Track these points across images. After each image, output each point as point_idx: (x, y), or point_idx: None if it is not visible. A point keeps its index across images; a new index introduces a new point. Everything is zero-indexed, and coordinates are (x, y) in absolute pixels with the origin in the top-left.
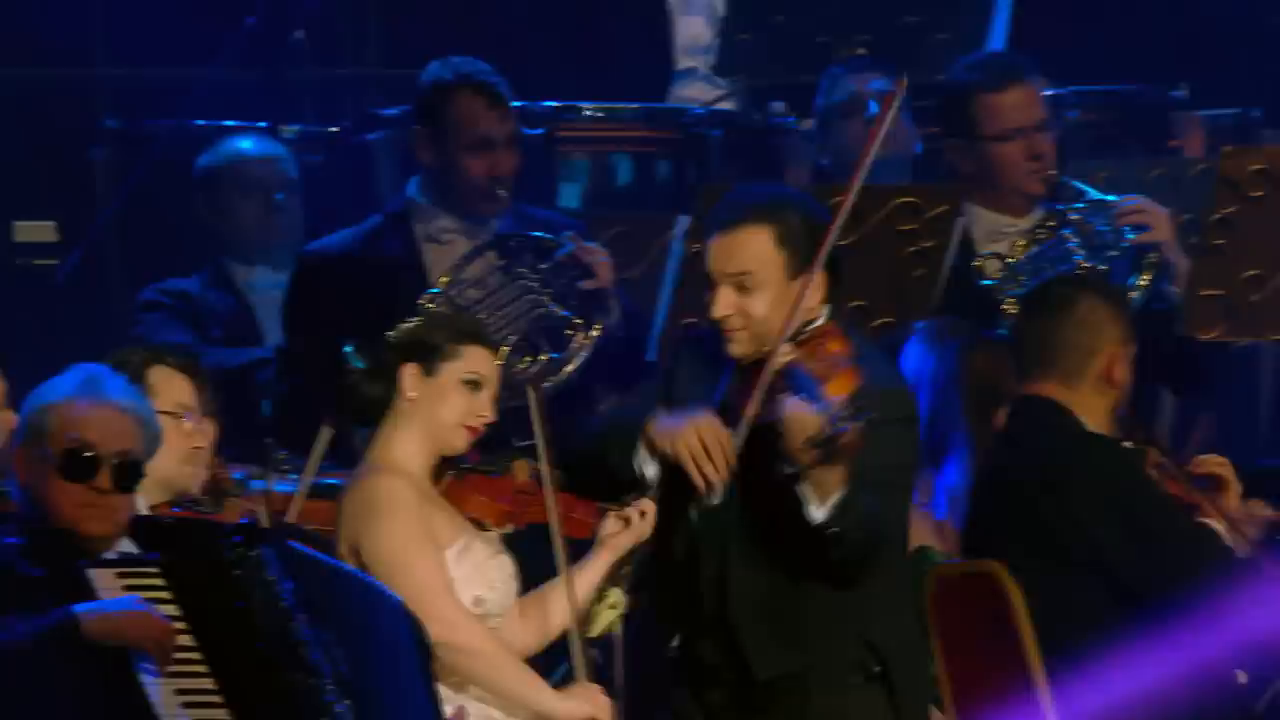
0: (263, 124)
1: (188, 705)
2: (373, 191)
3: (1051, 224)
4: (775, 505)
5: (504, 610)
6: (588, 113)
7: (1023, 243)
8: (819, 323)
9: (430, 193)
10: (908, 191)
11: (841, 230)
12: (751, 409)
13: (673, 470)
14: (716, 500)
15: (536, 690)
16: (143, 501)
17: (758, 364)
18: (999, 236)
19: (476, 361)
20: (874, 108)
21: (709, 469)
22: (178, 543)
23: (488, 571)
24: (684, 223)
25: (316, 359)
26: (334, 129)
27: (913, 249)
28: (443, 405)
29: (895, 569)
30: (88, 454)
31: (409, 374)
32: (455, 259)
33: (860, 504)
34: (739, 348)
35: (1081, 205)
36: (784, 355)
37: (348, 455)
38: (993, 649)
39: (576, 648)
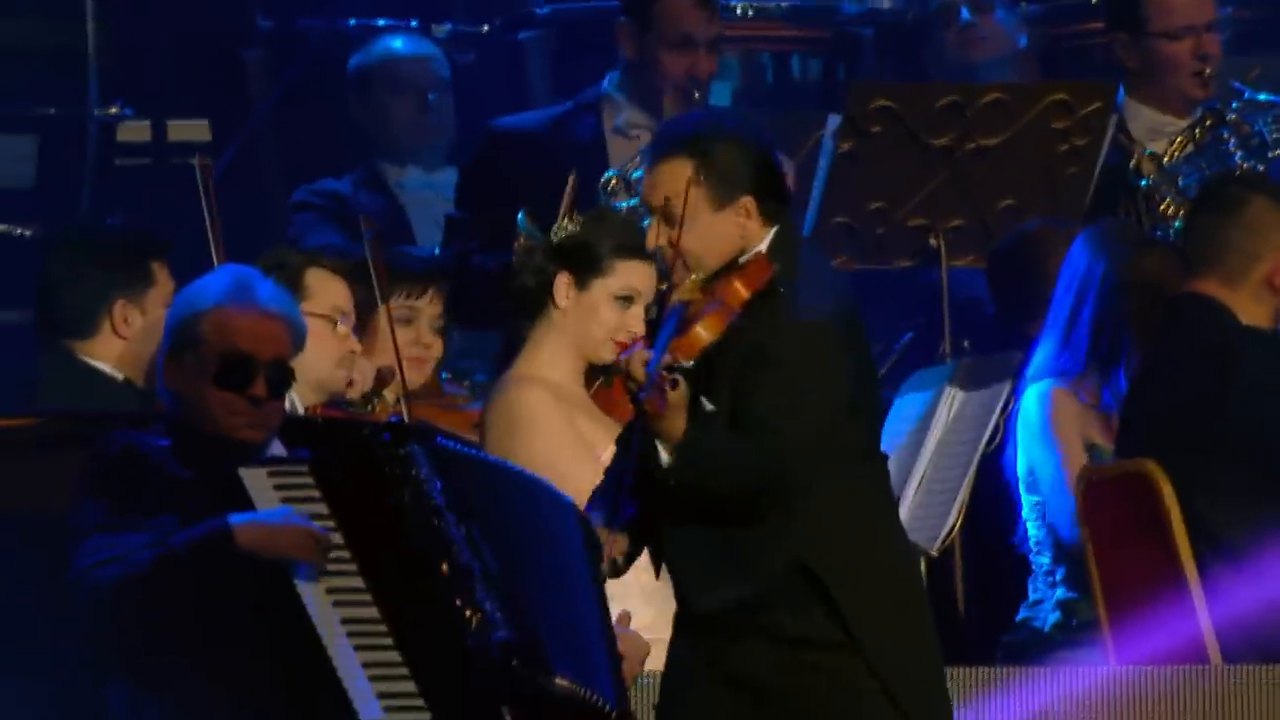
0: (414, 23)
1: (338, 605)
2: (524, 91)
3: (1209, 124)
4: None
5: None
6: (739, 11)
7: (1179, 142)
8: (754, 252)
9: (625, 87)
10: (1060, 89)
11: (988, 129)
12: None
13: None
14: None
15: None
16: (298, 402)
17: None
18: (1158, 135)
19: (631, 276)
20: (966, 15)
21: (658, 426)
22: (327, 442)
23: None
24: (834, 121)
25: (490, 229)
26: (485, 28)
27: (1066, 147)
28: (592, 320)
29: (831, 494)
30: (244, 362)
31: (562, 283)
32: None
33: (702, 448)
34: (675, 277)
35: (1238, 105)
36: (683, 292)
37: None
38: (1145, 548)
39: None
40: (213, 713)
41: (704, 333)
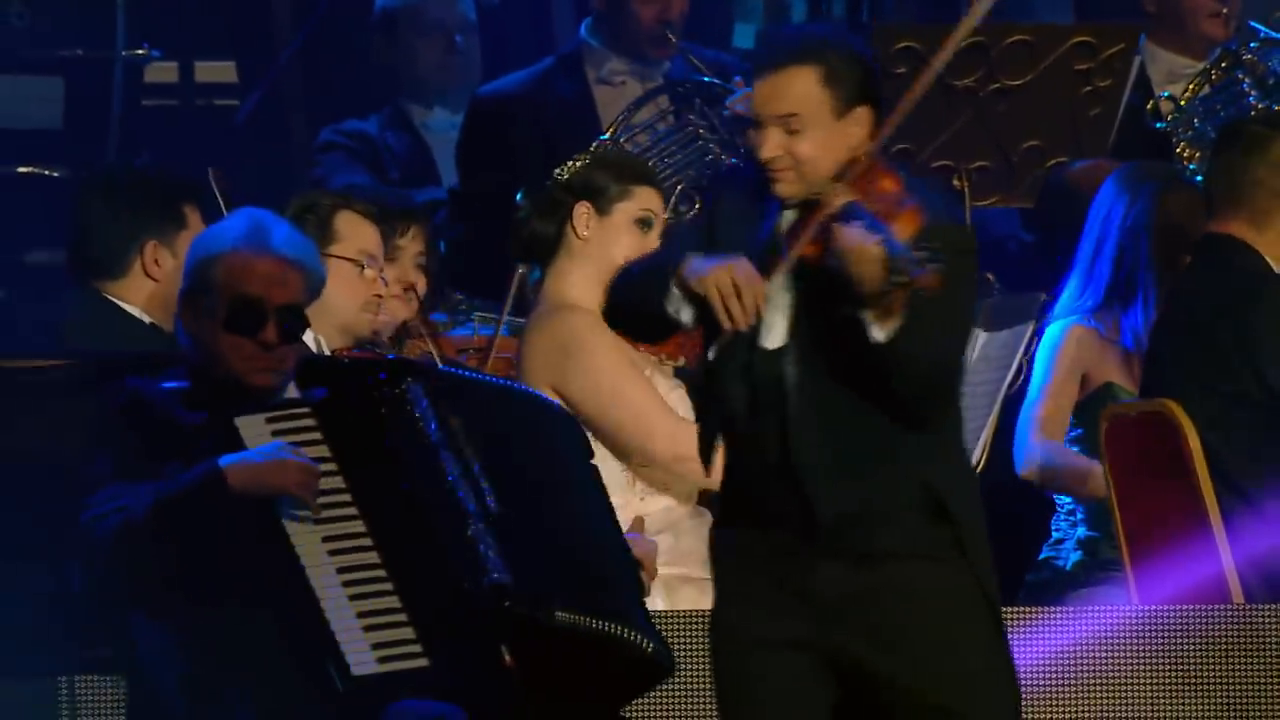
0: None
1: (335, 553)
2: (548, 33)
3: (1225, 65)
4: (835, 341)
5: None
6: None
7: (1195, 84)
8: (864, 160)
9: (601, 35)
10: (1084, 31)
11: (1011, 70)
12: (803, 248)
13: (706, 312)
14: (743, 344)
15: None
16: (324, 345)
17: (808, 204)
18: (1176, 78)
19: (648, 200)
20: None
21: (736, 308)
22: (331, 383)
23: (672, 402)
24: None
25: (489, 200)
26: None
27: (1089, 88)
28: (615, 244)
29: (954, 412)
30: (254, 307)
31: (581, 213)
32: (626, 103)
33: (924, 328)
34: (787, 187)
35: (1255, 45)
36: (839, 195)
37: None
38: (1167, 488)
39: None
40: (222, 658)
41: (910, 222)
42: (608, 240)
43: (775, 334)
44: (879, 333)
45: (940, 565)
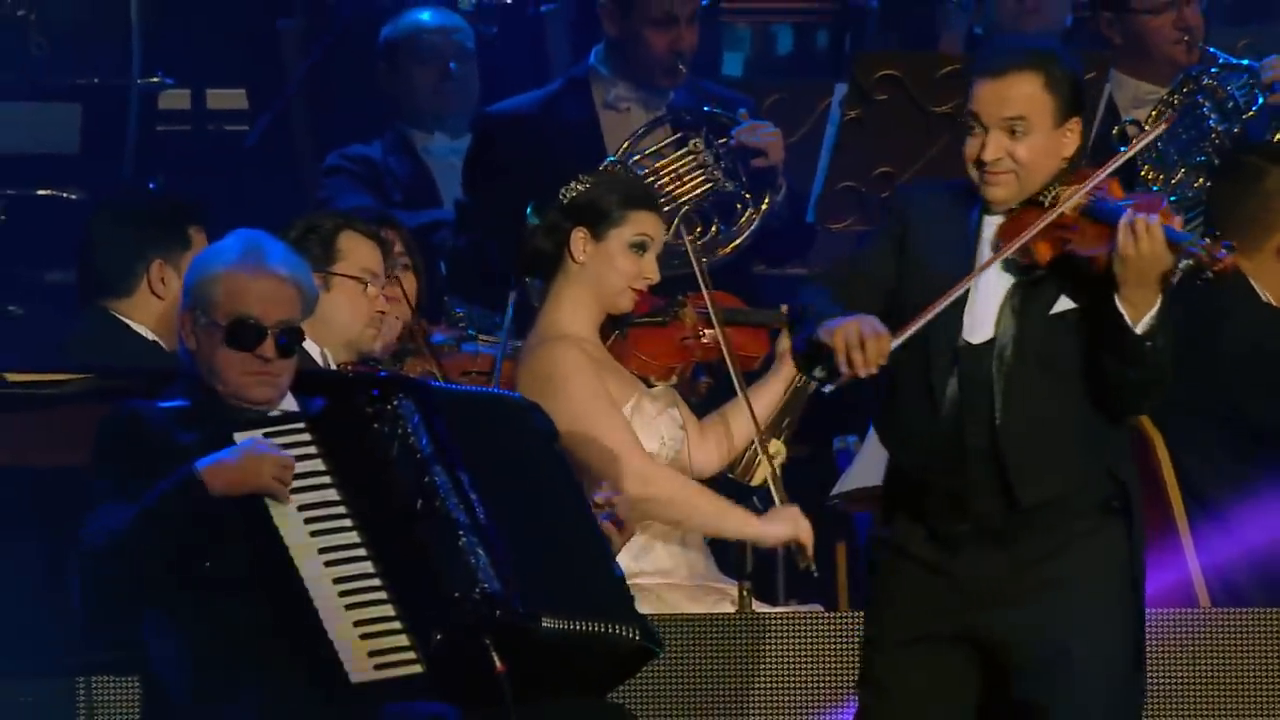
0: None
1: (332, 563)
2: (545, 61)
3: (1186, 90)
4: (1052, 337)
5: (673, 460)
6: None
7: (1158, 109)
8: (1084, 166)
9: (611, 62)
10: None
11: None
12: (1035, 243)
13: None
14: (829, 389)
15: (736, 519)
16: (330, 360)
17: (1019, 208)
18: (1141, 103)
19: (643, 224)
20: None
21: (858, 358)
22: (326, 398)
23: (658, 427)
24: (841, 89)
25: (493, 216)
26: (508, 1)
27: None
28: (610, 269)
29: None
30: (253, 324)
31: (578, 238)
32: (632, 129)
33: (1168, 319)
34: (1002, 191)
35: (1215, 70)
36: (1073, 195)
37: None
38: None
39: (768, 470)
40: (226, 663)
41: (1169, 215)
42: (602, 264)
43: (982, 329)
44: (1136, 323)
45: (1108, 557)
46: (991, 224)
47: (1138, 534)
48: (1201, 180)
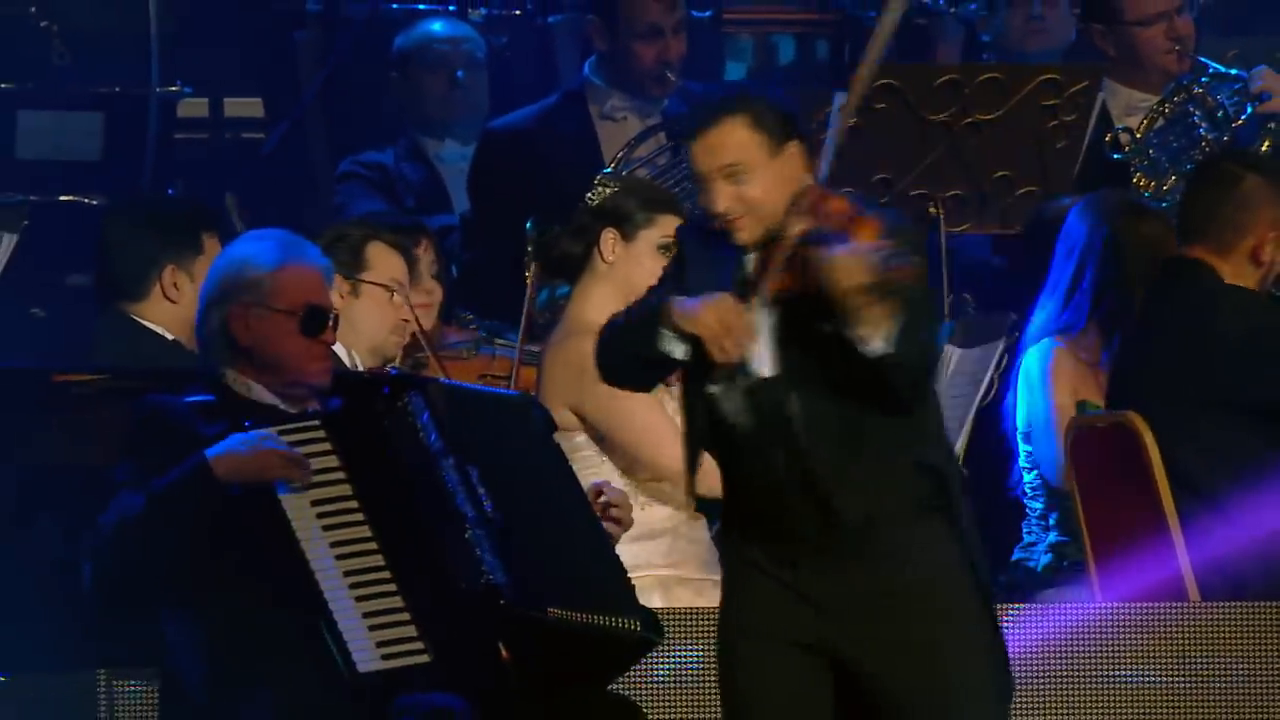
0: (452, 7)
1: (344, 556)
2: (553, 70)
3: (1178, 99)
4: (830, 354)
5: None
6: None
7: (1150, 118)
8: (808, 186)
9: (604, 74)
10: (1050, 70)
11: (983, 105)
12: (777, 281)
13: (697, 347)
14: (740, 374)
15: None
16: (360, 362)
17: (769, 243)
18: (1134, 112)
19: (670, 227)
20: (1038, 8)
21: (728, 342)
22: (339, 397)
23: (676, 423)
24: (840, 98)
25: (497, 229)
26: (517, 11)
27: (1055, 123)
28: (638, 269)
29: (934, 394)
30: (322, 310)
31: (608, 239)
32: (627, 137)
33: (914, 328)
34: (745, 234)
35: (1205, 80)
36: (796, 226)
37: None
38: (1129, 494)
39: None
40: (240, 655)
41: (869, 229)
42: (631, 264)
43: (766, 363)
44: (877, 345)
45: (941, 556)
46: (752, 260)
47: (965, 526)
48: None
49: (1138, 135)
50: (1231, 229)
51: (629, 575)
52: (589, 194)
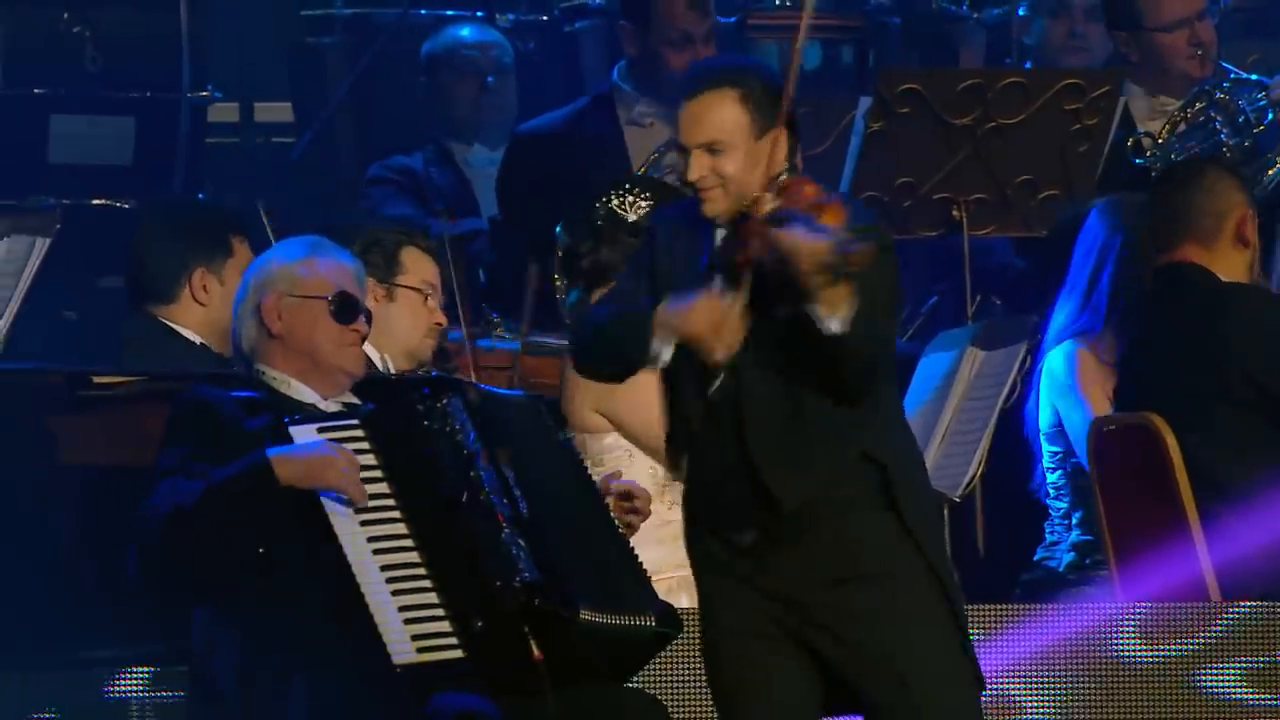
0: (480, 13)
1: (379, 552)
2: (579, 76)
3: (1199, 104)
4: (784, 336)
5: None
6: (778, 1)
7: (1171, 122)
8: (784, 176)
9: (633, 79)
10: (1073, 74)
11: (1006, 110)
12: (742, 257)
13: (685, 349)
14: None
15: None
16: (392, 366)
17: (739, 219)
18: (1157, 116)
19: None
20: (1079, 23)
21: (719, 346)
22: (380, 398)
23: None
24: (865, 103)
25: (526, 232)
26: (545, 18)
27: (1077, 127)
28: None
29: (890, 388)
30: (353, 298)
31: None
32: (654, 143)
33: (870, 314)
34: (714, 206)
35: (1226, 85)
36: (768, 203)
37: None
38: (1150, 494)
39: None
40: (275, 649)
41: (835, 213)
42: None
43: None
44: (833, 325)
45: (890, 551)
46: (719, 237)
47: (911, 521)
48: None
49: (1159, 140)
50: (1213, 216)
51: (654, 577)
52: (603, 198)
